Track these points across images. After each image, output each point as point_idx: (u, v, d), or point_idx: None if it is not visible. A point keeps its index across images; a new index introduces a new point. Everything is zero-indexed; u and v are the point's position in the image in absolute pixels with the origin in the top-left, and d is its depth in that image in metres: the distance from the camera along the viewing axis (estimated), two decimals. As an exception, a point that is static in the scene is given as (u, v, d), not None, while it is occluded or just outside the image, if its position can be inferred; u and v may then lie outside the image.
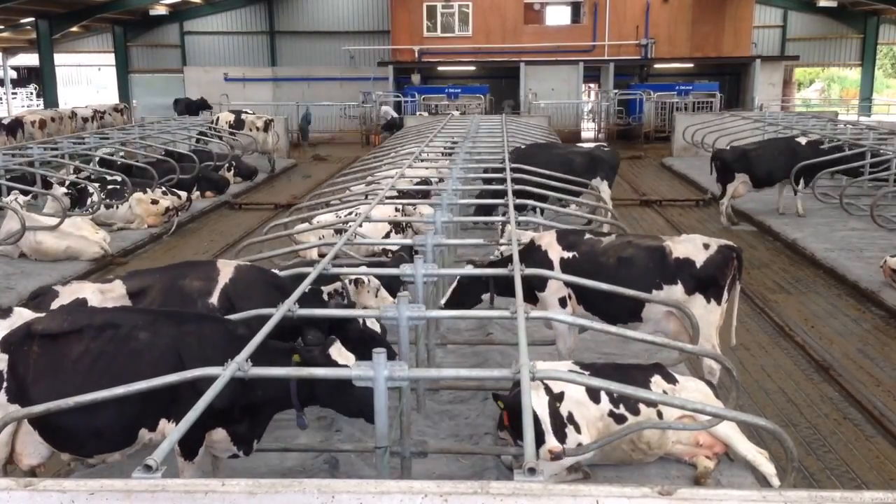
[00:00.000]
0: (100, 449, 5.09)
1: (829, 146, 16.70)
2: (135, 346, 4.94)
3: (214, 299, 6.20)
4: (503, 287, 7.23)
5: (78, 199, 15.21)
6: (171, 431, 4.84)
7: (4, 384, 4.92)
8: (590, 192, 12.31)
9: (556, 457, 5.31)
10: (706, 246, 7.24)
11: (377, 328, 6.34)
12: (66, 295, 6.26)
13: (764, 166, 15.74)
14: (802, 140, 16.78)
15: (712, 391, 6.15)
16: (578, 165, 13.53)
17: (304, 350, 5.05)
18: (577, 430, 5.63)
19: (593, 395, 5.75)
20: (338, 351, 5.02)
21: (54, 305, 6.12)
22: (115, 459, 5.21)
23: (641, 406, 5.79)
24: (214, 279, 6.31)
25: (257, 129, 24.25)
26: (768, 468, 5.67)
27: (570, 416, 5.64)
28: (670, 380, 6.03)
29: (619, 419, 5.76)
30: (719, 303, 7.23)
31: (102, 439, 5.00)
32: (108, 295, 6.22)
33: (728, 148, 17.77)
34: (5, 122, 27.03)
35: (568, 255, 7.32)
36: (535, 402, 5.42)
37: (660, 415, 5.80)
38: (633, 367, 6.42)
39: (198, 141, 22.75)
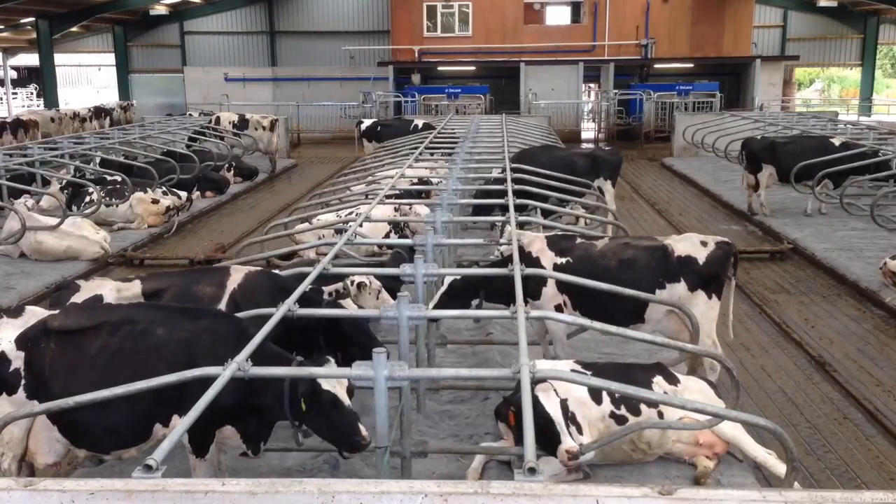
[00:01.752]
0: (116, 445, 5.16)
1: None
2: (150, 342, 4.99)
3: (223, 305, 6.32)
4: (494, 294, 7.14)
5: (74, 198, 15.21)
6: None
7: (22, 381, 4.98)
8: (592, 192, 12.28)
9: (573, 457, 5.27)
10: (704, 243, 7.31)
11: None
12: (87, 290, 6.43)
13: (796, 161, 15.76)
14: (836, 141, 16.78)
15: (714, 391, 6.15)
16: (581, 166, 13.51)
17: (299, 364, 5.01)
18: (580, 430, 5.62)
19: (595, 395, 5.74)
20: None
21: (75, 299, 6.28)
22: (132, 455, 5.26)
23: (643, 407, 5.79)
24: (224, 285, 6.44)
25: (263, 128, 24.27)
26: (780, 468, 5.62)
27: (573, 417, 5.64)
28: (672, 380, 6.03)
29: (621, 420, 5.75)
30: (720, 298, 7.31)
31: (119, 435, 5.07)
32: (123, 293, 6.37)
33: (759, 137, 17.87)
34: (7, 121, 27.06)
35: (561, 260, 7.25)
36: (548, 403, 5.46)
37: (660, 415, 5.80)
38: (636, 367, 6.39)
39: (191, 142, 22.42)
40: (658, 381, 5.95)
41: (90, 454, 5.30)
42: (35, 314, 5.28)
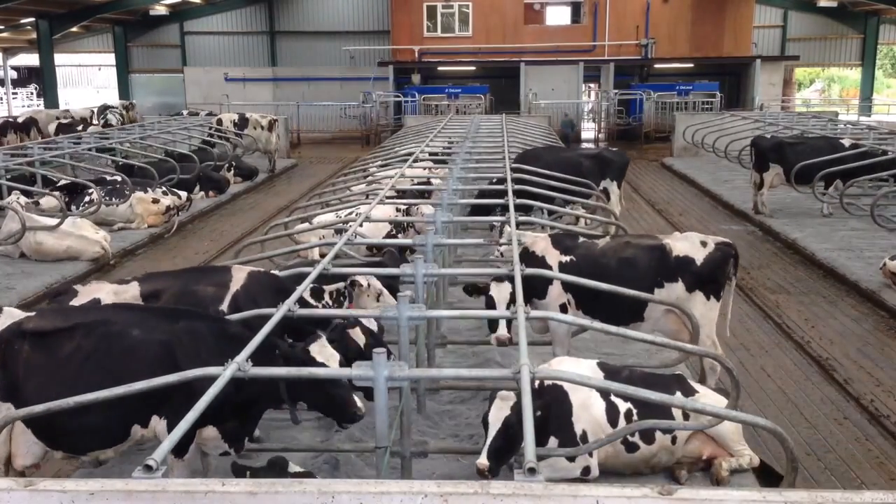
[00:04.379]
0: (93, 446, 5.13)
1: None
2: (127, 343, 4.95)
3: (225, 306, 6.26)
4: None
5: (74, 198, 15.22)
6: (161, 428, 4.86)
7: None
8: (595, 192, 12.27)
9: (481, 473, 4.90)
10: (704, 244, 7.29)
11: (374, 327, 6.33)
12: (84, 295, 6.36)
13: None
14: (846, 142, 16.78)
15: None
16: (587, 167, 13.49)
17: (287, 347, 5.05)
18: (589, 453, 5.58)
19: (612, 417, 5.67)
20: (319, 348, 5.01)
21: (73, 304, 6.20)
22: (108, 456, 5.27)
23: (657, 435, 5.74)
24: (227, 286, 6.37)
25: (262, 128, 24.32)
26: (744, 461, 5.87)
27: (584, 436, 5.60)
28: (690, 393, 5.93)
29: (632, 447, 5.74)
30: (718, 299, 7.28)
31: (96, 436, 5.04)
32: (122, 296, 6.29)
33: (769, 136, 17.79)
34: (20, 120, 27.08)
35: (566, 259, 7.29)
36: (494, 412, 5.12)
37: (674, 440, 5.80)
38: (657, 380, 6.07)
39: (205, 144, 22.56)
40: (677, 395, 5.86)
41: (66, 455, 5.28)
42: (12, 315, 5.23)
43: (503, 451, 5.03)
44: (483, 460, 4.94)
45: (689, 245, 7.29)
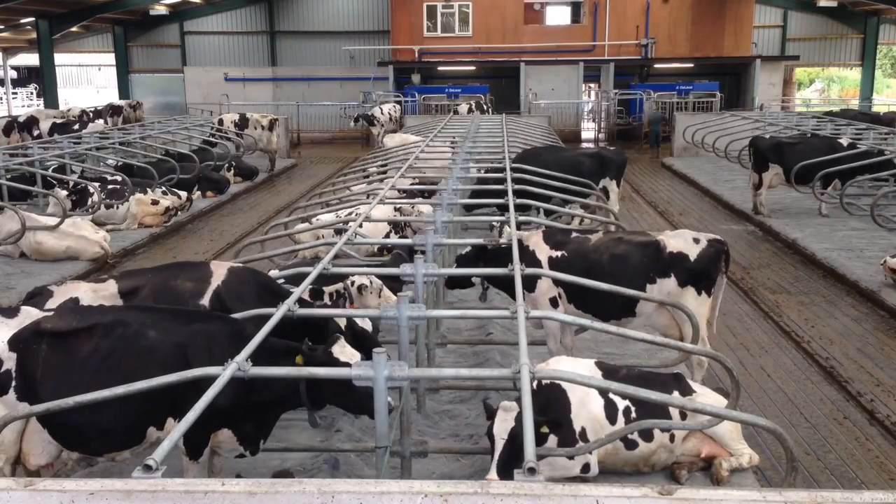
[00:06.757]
0: (109, 447, 5.11)
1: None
2: (143, 344, 4.95)
3: (206, 300, 6.20)
4: (495, 280, 7.34)
5: (79, 199, 15.23)
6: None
7: (13, 383, 4.93)
8: (594, 192, 12.26)
9: None
10: (696, 240, 7.36)
11: (369, 327, 6.32)
12: (60, 295, 6.30)
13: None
14: (844, 141, 16.78)
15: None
16: (587, 166, 13.52)
17: (308, 349, 5.03)
18: (588, 450, 5.59)
19: (610, 414, 5.68)
20: (341, 349, 5.01)
21: (49, 305, 6.09)
22: (125, 458, 5.22)
23: (656, 433, 5.75)
24: (207, 281, 6.31)
25: (262, 127, 24.31)
26: (744, 461, 5.88)
27: (583, 433, 5.60)
28: (688, 392, 5.95)
29: (631, 445, 5.74)
30: (709, 295, 7.35)
31: (111, 437, 5.03)
32: (100, 294, 6.24)
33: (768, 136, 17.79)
34: (21, 119, 27.03)
35: (556, 254, 7.36)
36: (499, 425, 5.13)
37: (672, 438, 5.80)
38: (655, 379, 6.07)
39: (206, 144, 22.56)
40: (675, 395, 5.87)
41: (82, 456, 5.25)
42: (30, 315, 5.24)
43: (512, 463, 4.99)
44: (493, 475, 4.94)
45: (683, 242, 7.37)
